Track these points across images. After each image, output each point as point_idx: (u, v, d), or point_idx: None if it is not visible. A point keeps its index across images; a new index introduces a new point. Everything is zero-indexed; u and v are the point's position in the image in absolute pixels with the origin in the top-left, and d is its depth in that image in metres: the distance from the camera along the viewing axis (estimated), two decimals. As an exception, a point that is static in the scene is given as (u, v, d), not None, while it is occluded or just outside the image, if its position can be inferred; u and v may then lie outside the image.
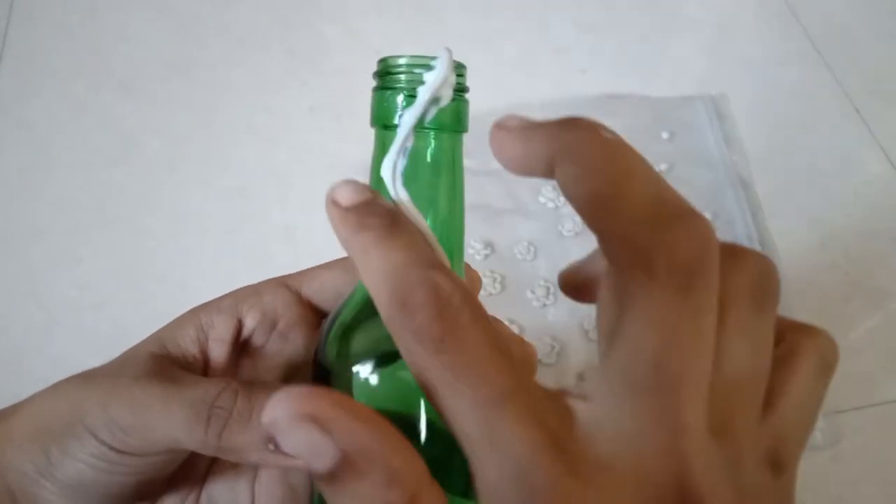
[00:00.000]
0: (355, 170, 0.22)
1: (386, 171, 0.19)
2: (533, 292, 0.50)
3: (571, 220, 0.53)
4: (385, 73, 0.20)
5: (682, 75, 0.63)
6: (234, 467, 0.24)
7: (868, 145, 0.59)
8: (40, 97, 0.60)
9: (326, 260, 0.27)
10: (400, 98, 0.20)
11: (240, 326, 0.24)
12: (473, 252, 0.51)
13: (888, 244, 0.53)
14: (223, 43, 0.64)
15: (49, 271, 0.51)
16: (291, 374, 0.25)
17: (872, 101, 0.61)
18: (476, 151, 0.66)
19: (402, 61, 0.20)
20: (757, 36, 0.66)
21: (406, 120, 0.19)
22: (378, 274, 0.16)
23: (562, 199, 0.54)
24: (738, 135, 0.59)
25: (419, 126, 0.19)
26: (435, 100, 0.19)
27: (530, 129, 0.17)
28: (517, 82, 0.62)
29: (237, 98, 0.60)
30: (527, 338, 0.48)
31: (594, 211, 0.16)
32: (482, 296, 0.49)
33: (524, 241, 0.52)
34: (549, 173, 0.16)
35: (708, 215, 0.54)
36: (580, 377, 0.22)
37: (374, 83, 0.21)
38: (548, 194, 0.54)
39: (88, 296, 0.50)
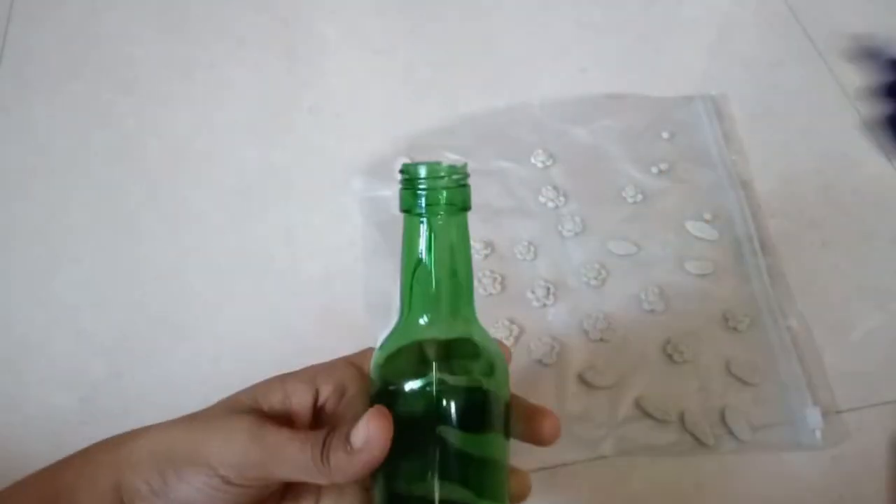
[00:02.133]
0: (355, 170, 0.23)
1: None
2: (533, 292, 0.50)
3: (571, 220, 0.53)
4: (409, 180, 0.28)
5: (682, 75, 0.63)
6: (300, 496, 0.30)
7: (868, 145, 0.59)
8: (40, 97, 0.60)
9: (326, 259, 0.32)
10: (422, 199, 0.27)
11: (317, 395, 0.30)
12: (473, 252, 0.51)
13: (888, 244, 0.53)
14: (223, 43, 0.64)
15: (49, 271, 0.51)
16: None
17: (872, 101, 0.61)
18: (476, 151, 0.67)
19: (423, 173, 0.27)
20: (757, 36, 0.66)
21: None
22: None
23: (562, 198, 0.54)
24: (738, 135, 0.59)
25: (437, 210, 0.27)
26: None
27: None
28: (517, 82, 0.62)
29: (237, 98, 0.60)
30: (527, 338, 0.48)
31: None
32: (482, 296, 0.49)
33: (524, 241, 0.52)
34: None
35: (707, 215, 0.54)
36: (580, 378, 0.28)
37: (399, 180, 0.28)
38: (548, 194, 0.54)
39: (88, 296, 0.50)
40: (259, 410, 0.28)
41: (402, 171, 0.28)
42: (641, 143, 0.58)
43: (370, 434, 0.26)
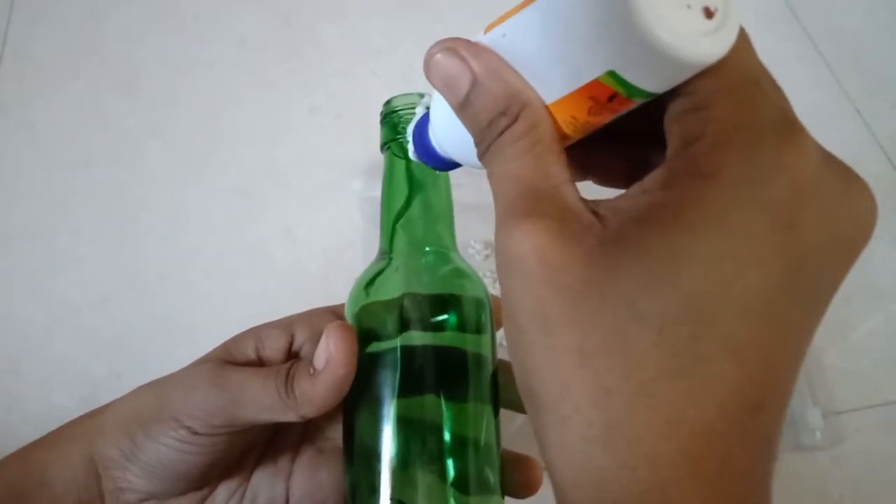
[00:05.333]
0: (355, 170, 0.23)
1: (412, 154, 0.24)
2: (533, 292, 0.50)
3: (571, 220, 0.53)
4: (390, 112, 0.27)
5: (683, 75, 0.63)
6: (275, 465, 0.29)
7: (868, 145, 0.59)
8: (40, 97, 0.60)
9: (326, 259, 0.31)
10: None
11: (292, 340, 0.29)
12: (474, 252, 0.51)
13: (888, 244, 0.53)
14: (223, 43, 0.64)
15: (49, 271, 0.51)
16: None
17: (872, 102, 0.61)
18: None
19: (402, 102, 0.27)
20: (757, 36, 0.66)
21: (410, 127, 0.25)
22: None
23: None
24: (738, 135, 0.59)
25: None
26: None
27: None
28: (517, 82, 0.62)
29: (237, 98, 0.60)
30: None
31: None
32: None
33: (524, 241, 0.52)
34: None
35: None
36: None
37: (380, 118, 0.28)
38: (548, 194, 0.54)
39: (88, 296, 0.50)
40: (229, 360, 0.27)
41: (385, 105, 0.27)
42: (641, 143, 0.58)
43: (331, 350, 0.25)
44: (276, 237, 0.53)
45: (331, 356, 0.25)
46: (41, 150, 0.57)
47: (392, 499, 0.24)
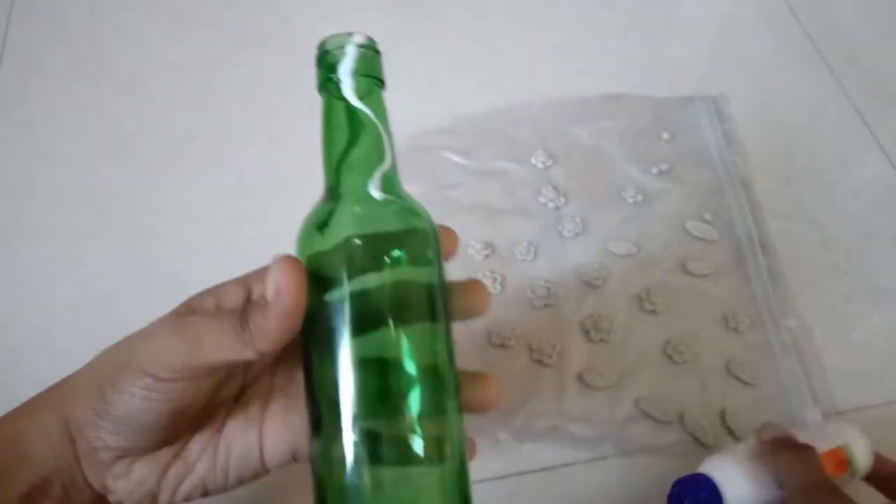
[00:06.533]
0: None
1: (347, 92, 0.28)
2: (533, 292, 0.50)
3: (571, 220, 0.53)
4: (324, 52, 0.29)
5: (682, 75, 0.63)
6: (245, 415, 0.30)
7: (868, 145, 0.59)
8: (40, 97, 0.60)
9: None
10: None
11: (249, 294, 0.30)
12: (473, 252, 0.51)
13: (888, 244, 0.53)
14: (223, 43, 0.64)
15: (49, 271, 0.51)
16: None
17: (872, 101, 0.61)
18: (476, 151, 0.67)
19: (335, 42, 0.28)
20: (757, 36, 0.66)
21: (345, 65, 0.28)
22: None
23: (562, 199, 0.54)
24: (738, 135, 0.59)
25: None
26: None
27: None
28: (517, 82, 0.62)
29: (237, 98, 0.60)
30: (527, 338, 0.48)
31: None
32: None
33: (524, 241, 0.52)
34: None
35: (708, 215, 0.54)
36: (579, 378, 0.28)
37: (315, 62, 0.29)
38: (548, 195, 0.54)
39: (88, 296, 0.50)
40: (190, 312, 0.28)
41: (318, 47, 0.28)
42: (642, 143, 0.58)
43: (279, 281, 0.25)
44: (276, 237, 0.53)
45: (279, 286, 0.25)
46: (41, 150, 0.57)
47: (355, 430, 0.24)
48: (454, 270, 0.30)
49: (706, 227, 0.53)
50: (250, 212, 0.54)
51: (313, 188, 0.57)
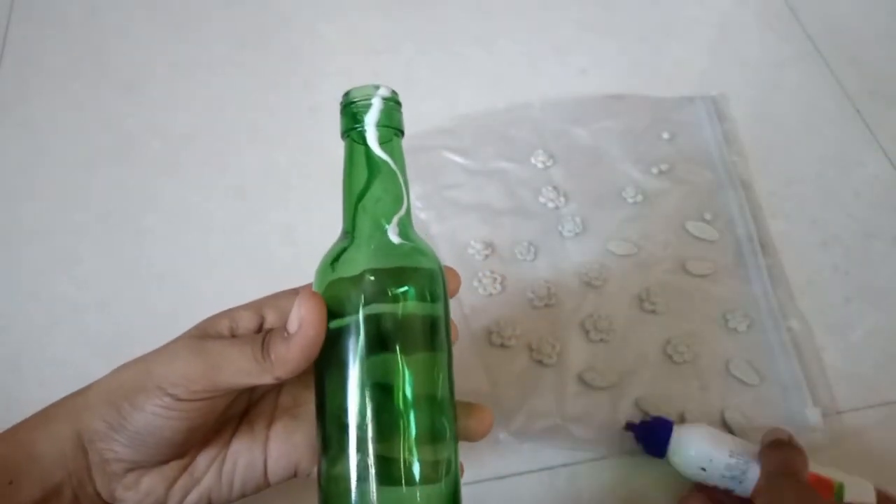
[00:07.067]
0: None
1: (371, 141, 0.30)
2: (533, 292, 0.50)
3: (571, 220, 0.53)
4: (349, 103, 0.31)
5: (682, 75, 0.63)
6: (251, 432, 0.31)
7: (868, 145, 0.59)
8: (40, 97, 0.60)
9: None
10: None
11: (262, 321, 0.31)
12: (474, 252, 0.51)
13: (888, 244, 0.53)
14: (223, 43, 0.64)
15: (49, 271, 0.51)
16: None
17: (872, 102, 0.61)
18: (476, 151, 0.67)
19: (360, 94, 0.31)
20: (757, 36, 0.66)
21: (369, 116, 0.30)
22: None
23: (562, 199, 0.54)
24: (738, 135, 0.59)
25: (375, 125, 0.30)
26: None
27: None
28: (517, 82, 0.62)
29: (237, 98, 0.60)
30: (527, 338, 0.48)
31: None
32: (483, 296, 0.49)
33: (524, 241, 0.52)
34: None
35: (708, 215, 0.54)
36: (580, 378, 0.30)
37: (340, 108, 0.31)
38: (548, 195, 0.54)
39: (88, 296, 0.50)
40: (206, 336, 0.29)
41: (343, 97, 0.31)
42: (642, 143, 0.58)
43: (303, 314, 0.27)
44: (276, 237, 0.53)
45: (303, 319, 0.27)
46: (41, 150, 0.57)
47: (359, 451, 0.26)
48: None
49: (706, 227, 0.53)
50: (250, 212, 0.54)
51: (312, 188, 0.57)
